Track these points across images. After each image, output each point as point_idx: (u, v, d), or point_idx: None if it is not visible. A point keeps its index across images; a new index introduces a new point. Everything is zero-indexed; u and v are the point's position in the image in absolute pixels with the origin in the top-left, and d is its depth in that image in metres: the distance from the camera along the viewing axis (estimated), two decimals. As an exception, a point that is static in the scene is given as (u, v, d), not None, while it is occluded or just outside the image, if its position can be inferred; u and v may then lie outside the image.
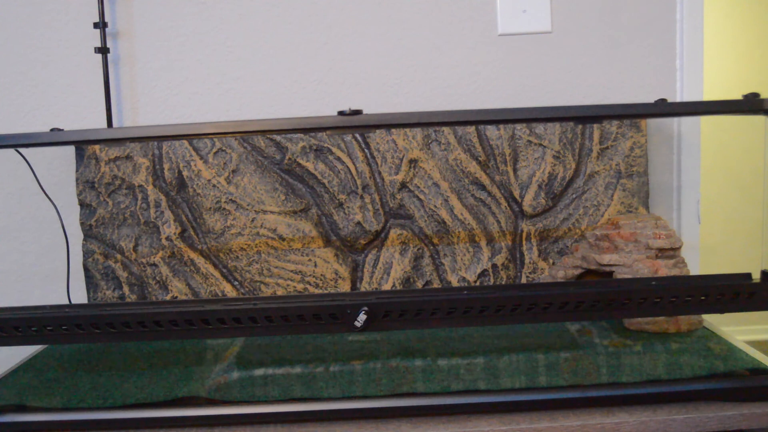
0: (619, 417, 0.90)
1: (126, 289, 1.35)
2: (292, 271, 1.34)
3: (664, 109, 0.99)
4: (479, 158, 1.33)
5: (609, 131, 1.34)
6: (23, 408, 0.96)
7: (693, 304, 0.94)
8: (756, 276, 0.97)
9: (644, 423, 0.89)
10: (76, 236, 1.37)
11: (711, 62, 2.67)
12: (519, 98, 1.39)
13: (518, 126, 1.33)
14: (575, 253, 1.30)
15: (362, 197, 1.33)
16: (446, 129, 1.33)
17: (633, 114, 1.01)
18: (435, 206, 1.34)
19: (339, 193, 1.33)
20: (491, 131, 1.33)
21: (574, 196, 1.34)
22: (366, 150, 1.33)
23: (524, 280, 1.35)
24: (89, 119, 1.38)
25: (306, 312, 0.93)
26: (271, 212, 1.34)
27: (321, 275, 1.34)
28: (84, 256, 1.36)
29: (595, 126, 1.33)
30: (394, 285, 1.34)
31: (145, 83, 1.38)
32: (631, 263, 1.16)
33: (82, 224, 1.35)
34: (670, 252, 1.16)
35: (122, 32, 1.37)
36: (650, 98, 1.38)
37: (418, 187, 1.34)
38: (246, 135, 1.28)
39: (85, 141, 1.09)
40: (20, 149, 1.32)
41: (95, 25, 1.33)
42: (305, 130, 1.10)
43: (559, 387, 0.96)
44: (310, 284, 1.35)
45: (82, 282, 1.37)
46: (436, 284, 1.35)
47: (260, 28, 1.37)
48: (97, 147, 1.33)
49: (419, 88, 1.39)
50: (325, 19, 1.37)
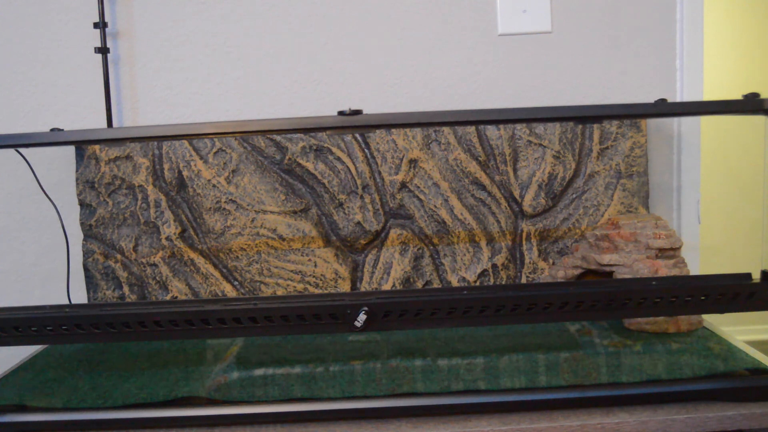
0: (619, 417, 0.90)
1: (126, 289, 1.35)
2: (292, 271, 1.34)
3: (664, 109, 0.99)
4: (479, 158, 1.33)
5: (609, 131, 1.34)
6: (23, 408, 0.96)
7: (693, 304, 0.94)
8: (756, 276, 0.97)
9: (644, 423, 0.89)
10: (76, 236, 1.37)
11: (711, 62, 2.67)
12: (519, 98, 1.39)
13: (518, 126, 1.33)
14: (575, 253, 1.30)
15: (362, 197, 1.33)
16: (446, 129, 1.33)
17: (633, 114, 1.01)
18: (435, 206, 1.34)
19: (339, 193, 1.33)
20: (491, 131, 1.33)
21: (574, 196, 1.34)
22: (366, 150, 1.33)
23: (524, 280, 1.35)
24: (89, 119, 1.38)
25: (306, 312, 0.93)
26: (271, 212, 1.34)
27: (321, 275, 1.34)
28: (84, 256, 1.36)
29: (595, 126, 1.33)
30: (394, 285, 1.34)
31: (145, 83, 1.38)
32: (631, 263, 1.16)
33: (82, 224, 1.35)
34: (670, 252, 1.16)
35: (122, 32, 1.37)
36: (650, 98, 1.38)
37: (418, 187, 1.34)
38: (246, 135, 1.28)
39: (85, 141, 1.09)
40: (20, 149, 1.32)
41: (95, 25, 1.33)
42: (305, 130, 1.10)
43: (559, 387, 0.96)
44: (310, 284, 1.35)
45: (82, 282, 1.37)
46: (436, 284, 1.35)
47: (260, 28, 1.37)
48: (97, 147, 1.33)
49: (419, 88, 1.39)
50: (325, 19, 1.37)
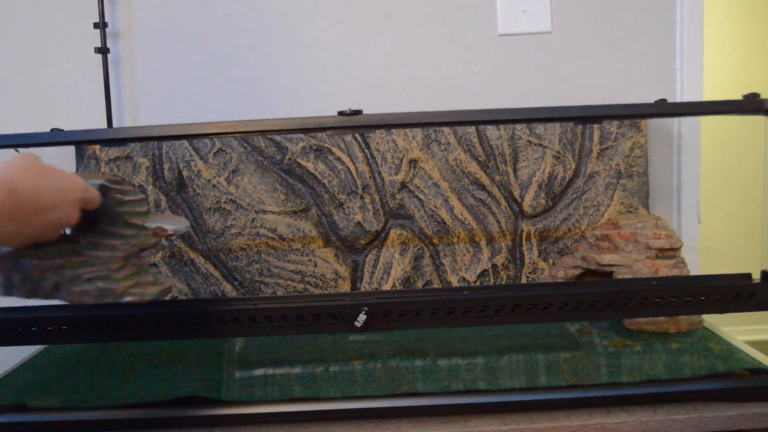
0: (619, 417, 0.90)
1: (126, 289, 1.35)
2: (292, 271, 1.34)
3: (664, 109, 0.99)
4: (479, 158, 1.33)
5: (609, 131, 1.34)
6: (23, 408, 0.96)
7: (693, 304, 0.94)
8: (756, 276, 0.97)
9: (644, 423, 0.89)
10: (76, 236, 1.37)
11: (711, 62, 2.67)
12: (519, 98, 1.39)
13: (518, 126, 1.33)
14: (575, 253, 1.30)
15: (362, 197, 1.33)
16: (446, 129, 1.33)
17: (633, 114, 1.01)
18: (435, 206, 1.34)
19: (339, 193, 1.33)
20: (491, 131, 1.33)
21: (574, 197, 1.34)
22: (366, 150, 1.33)
23: (524, 280, 1.35)
24: (89, 119, 1.38)
25: (306, 312, 0.93)
26: (271, 212, 1.34)
27: (321, 275, 1.34)
28: (84, 256, 1.36)
29: (595, 126, 1.33)
30: (394, 285, 1.34)
31: (145, 83, 1.38)
32: (631, 263, 1.16)
33: (82, 224, 1.35)
34: (670, 252, 1.16)
35: (122, 32, 1.37)
36: (650, 98, 1.38)
37: (418, 187, 1.34)
38: (246, 135, 1.28)
39: (85, 141, 1.09)
40: (20, 149, 1.31)
41: (95, 25, 1.33)
42: (305, 130, 1.10)
43: (559, 387, 0.96)
44: (310, 284, 1.35)
45: (82, 282, 1.37)
46: (436, 284, 1.35)
47: (260, 28, 1.37)
48: (97, 147, 1.33)
49: (419, 88, 1.39)
50: (325, 19, 1.37)
